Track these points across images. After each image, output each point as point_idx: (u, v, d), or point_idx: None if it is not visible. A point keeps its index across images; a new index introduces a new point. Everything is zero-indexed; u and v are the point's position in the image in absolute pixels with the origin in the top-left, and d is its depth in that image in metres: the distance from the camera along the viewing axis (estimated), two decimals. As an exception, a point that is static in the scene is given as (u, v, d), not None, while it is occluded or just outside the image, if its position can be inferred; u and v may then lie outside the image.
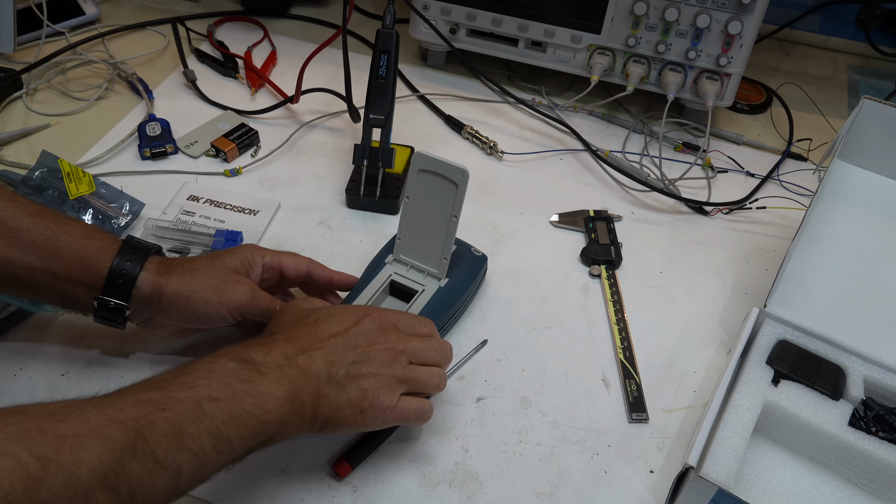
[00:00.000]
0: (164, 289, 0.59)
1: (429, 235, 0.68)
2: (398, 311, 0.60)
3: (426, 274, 0.70)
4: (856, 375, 0.64)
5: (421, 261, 0.70)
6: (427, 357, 0.58)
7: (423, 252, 0.69)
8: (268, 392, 0.49)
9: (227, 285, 0.61)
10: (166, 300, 0.60)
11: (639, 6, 0.89)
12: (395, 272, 0.70)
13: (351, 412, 0.54)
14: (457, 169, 0.64)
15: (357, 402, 0.54)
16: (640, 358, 0.70)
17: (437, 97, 1.01)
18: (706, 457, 0.57)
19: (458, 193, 0.65)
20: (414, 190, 0.67)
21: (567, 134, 0.96)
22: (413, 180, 0.67)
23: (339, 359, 0.54)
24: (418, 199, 0.67)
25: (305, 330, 0.55)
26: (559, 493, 0.60)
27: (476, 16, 0.97)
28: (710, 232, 0.85)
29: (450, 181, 0.65)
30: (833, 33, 1.18)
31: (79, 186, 0.78)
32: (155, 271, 0.60)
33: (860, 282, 0.69)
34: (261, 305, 0.62)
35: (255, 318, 0.63)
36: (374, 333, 0.57)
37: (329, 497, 0.58)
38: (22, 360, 0.66)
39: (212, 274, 0.61)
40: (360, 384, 0.54)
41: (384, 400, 0.55)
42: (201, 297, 0.60)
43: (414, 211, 0.68)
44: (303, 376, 0.52)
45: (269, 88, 1.00)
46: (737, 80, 0.92)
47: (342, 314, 0.57)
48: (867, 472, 0.60)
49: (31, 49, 1.02)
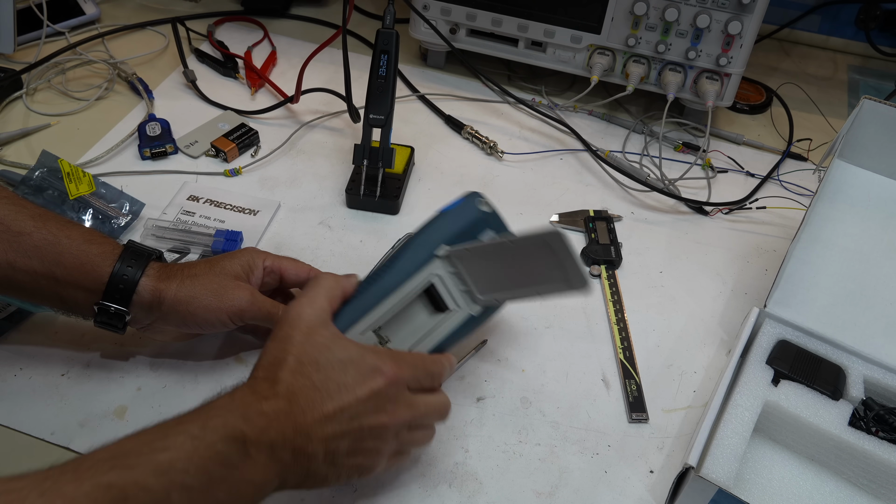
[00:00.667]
0: (165, 294, 0.59)
1: (502, 271, 0.58)
2: (414, 364, 0.54)
3: (466, 291, 0.60)
4: (856, 375, 0.64)
5: (472, 278, 0.59)
6: (427, 422, 0.56)
7: (483, 274, 0.59)
8: (249, 479, 0.45)
9: (227, 290, 0.61)
10: (166, 306, 0.59)
11: (639, 6, 0.89)
12: (440, 274, 0.59)
13: (336, 481, 0.51)
14: (579, 276, 0.55)
15: (346, 475, 0.51)
16: (640, 358, 0.70)
17: (437, 97, 1.01)
18: (706, 457, 0.57)
19: (552, 287, 0.57)
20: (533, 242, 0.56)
21: (567, 134, 0.96)
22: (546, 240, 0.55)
23: (340, 442, 0.49)
24: (526, 253, 0.57)
25: (309, 395, 0.49)
26: (559, 493, 0.60)
27: (476, 16, 0.97)
28: (710, 232, 0.85)
29: (559, 274, 0.56)
30: (833, 33, 1.18)
31: (79, 186, 0.78)
32: (155, 277, 0.60)
33: (860, 282, 0.69)
34: (262, 310, 0.61)
35: (255, 323, 0.63)
36: (385, 404, 0.51)
37: (329, 497, 0.58)
38: (22, 360, 0.66)
39: (211, 279, 0.61)
40: (355, 461, 0.51)
41: (374, 471, 0.53)
42: (201, 302, 0.60)
43: (516, 251, 0.57)
44: (294, 459, 0.48)
45: (269, 88, 1.00)
46: (737, 80, 0.92)
47: (356, 369, 0.50)
48: (867, 472, 0.60)
49: (31, 49, 1.02)
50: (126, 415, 0.63)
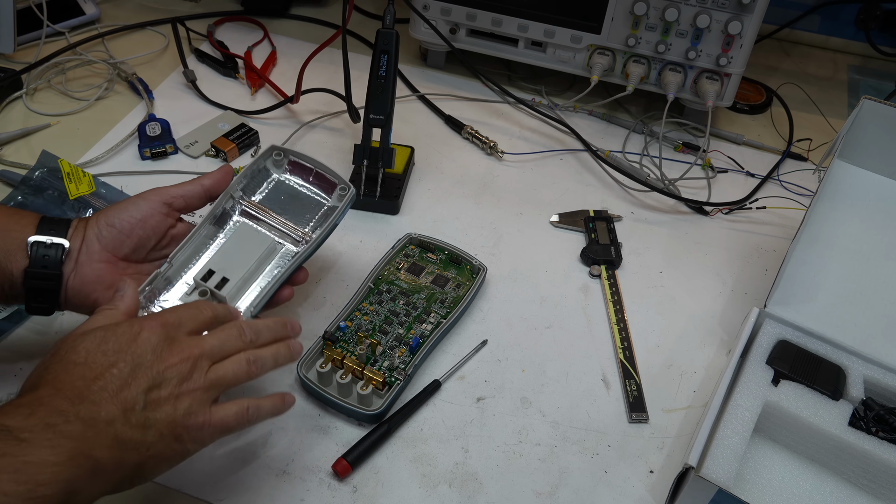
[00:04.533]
0: (95, 217, 0.60)
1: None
2: (175, 308, 0.54)
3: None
4: (856, 375, 0.64)
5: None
6: (228, 349, 0.53)
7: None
8: (37, 461, 0.41)
9: (145, 193, 0.62)
10: (101, 224, 0.59)
11: (639, 6, 0.89)
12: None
13: (165, 447, 0.48)
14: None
15: (168, 432, 0.48)
16: (640, 358, 0.70)
17: (437, 97, 1.01)
18: (706, 457, 0.57)
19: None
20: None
21: (567, 134, 0.96)
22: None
23: (130, 393, 0.46)
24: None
25: (76, 371, 0.46)
26: (559, 493, 0.60)
27: (476, 16, 0.97)
28: (710, 232, 0.85)
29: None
30: (833, 33, 1.18)
31: (79, 186, 0.78)
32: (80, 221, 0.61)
33: (860, 282, 0.69)
34: (186, 189, 0.62)
35: (191, 205, 0.63)
36: (160, 346, 0.49)
37: (329, 497, 0.58)
38: (22, 360, 0.66)
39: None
40: (164, 412, 0.48)
41: (196, 418, 0.49)
42: (131, 202, 0.61)
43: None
44: (90, 429, 0.44)
45: (269, 88, 1.00)
46: (737, 80, 0.92)
47: (115, 334, 0.49)
48: (867, 472, 0.60)
49: (31, 49, 1.02)
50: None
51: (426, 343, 0.67)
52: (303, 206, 0.67)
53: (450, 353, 0.69)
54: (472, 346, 0.70)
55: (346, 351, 0.66)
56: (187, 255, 0.62)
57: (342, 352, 0.65)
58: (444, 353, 0.69)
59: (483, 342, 0.70)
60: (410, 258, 0.76)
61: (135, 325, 0.50)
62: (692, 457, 0.57)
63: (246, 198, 0.66)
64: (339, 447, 0.61)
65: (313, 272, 0.75)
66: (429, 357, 0.68)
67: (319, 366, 0.64)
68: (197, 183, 0.63)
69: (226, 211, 0.65)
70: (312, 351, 0.66)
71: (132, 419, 0.46)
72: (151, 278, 0.60)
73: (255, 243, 0.64)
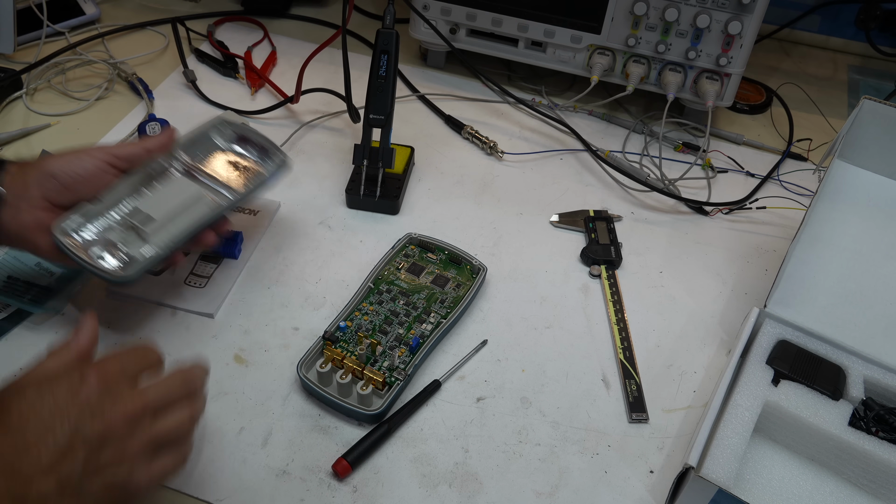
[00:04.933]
0: (32, 167, 0.61)
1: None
2: (117, 353, 0.49)
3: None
4: (856, 375, 0.64)
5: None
6: (171, 399, 0.49)
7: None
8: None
9: (90, 150, 0.64)
10: (42, 173, 0.61)
11: (639, 6, 0.89)
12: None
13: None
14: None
15: (106, 497, 0.44)
16: (640, 358, 0.70)
17: (437, 97, 1.01)
18: (706, 457, 0.57)
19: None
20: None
21: (567, 134, 0.96)
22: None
23: (67, 465, 0.42)
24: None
25: (8, 441, 0.42)
26: (559, 493, 0.60)
27: (476, 16, 0.97)
28: (710, 232, 0.85)
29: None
30: (833, 33, 1.18)
31: (79, 186, 0.78)
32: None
33: (860, 282, 0.69)
34: (132, 149, 0.65)
35: (133, 166, 0.65)
36: (101, 404, 0.45)
37: (329, 497, 0.58)
38: (22, 360, 0.66)
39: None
40: (103, 479, 0.44)
41: (138, 480, 0.46)
42: (73, 156, 0.62)
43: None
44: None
45: (269, 88, 1.00)
46: (737, 80, 0.92)
47: (52, 392, 0.44)
48: (867, 472, 0.60)
49: (31, 49, 1.02)
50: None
51: (426, 343, 0.67)
52: (241, 171, 0.71)
53: (450, 353, 0.69)
54: (472, 346, 0.70)
55: (346, 351, 0.66)
56: (119, 195, 0.65)
57: (342, 352, 0.65)
58: (444, 353, 0.69)
59: (483, 342, 0.70)
60: (410, 258, 0.76)
61: (74, 380, 0.45)
62: (692, 457, 0.57)
63: (188, 158, 0.70)
64: (339, 447, 0.61)
65: (313, 271, 0.76)
66: (429, 357, 0.68)
67: (319, 366, 0.64)
68: (141, 146, 0.66)
69: (163, 164, 0.69)
70: (312, 351, 0.66)
71: (67, 490, 0.42)
72: (77, 208, 0.62)
73: (185, 191, 0.68)
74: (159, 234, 0.64)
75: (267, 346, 0.69)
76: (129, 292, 0.72)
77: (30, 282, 0.71)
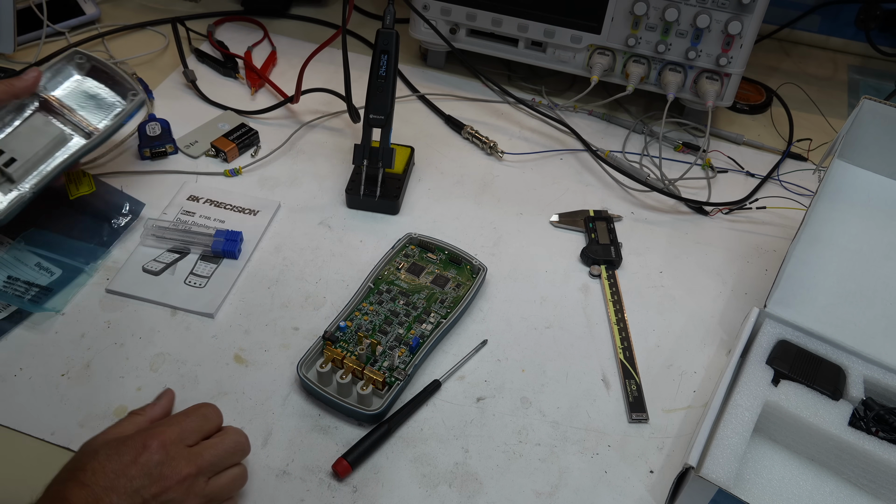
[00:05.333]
0: None
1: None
2: (178, 417, 0.55)
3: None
4: (856, 375, 0.64)
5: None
6: (225, 464, 0.54)
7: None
8: None
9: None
10: None
11: (639, 6, 0.89)
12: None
13: None
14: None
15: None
16: (640, 358, 0.70)
17: (437, 97, 1.01)
18: (706, 457, 0.57)
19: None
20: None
21: (567, 134, 0.96)
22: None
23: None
24: None
25: (81, 494, 0.48)
26: (559, 493, 0.60)
27: (476, 16, 0.97)
28: (710, 232, 0.85)
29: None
30: (833, 33, 1.18)
31: (79, 187, 0.78)
32: None
33: (860, 282, 0.69)
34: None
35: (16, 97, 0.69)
36: (163, 466, 0.50)
37: (329, 497, 0.58)
38: (22, 360, 0.66)
39: None
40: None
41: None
42: None
43: None
44: None
45: (269, 88, 1.00)
46: (737, 80, 0.92)
47: (118, 453, 0.50)
48: (867, 472, 0.60)
49: (31, 49, 1.02)
50: (126, 415, 0.62)
51: (426, 343, 0.67)
52: (98, 106, 0.75)
53: (450, 353, 0.69)
54: (472, 346, 0.70)
55: (346, 351, 0.66)
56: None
57: (342, 352, 0.65)
58: (444, 353, 0.69)
59: (483, 342, 0.70)
60: (410, 258, 0.76)
61: (138, 445, 0.51)
62: (692, 457, 0.57)
63: (46, 91, 0.73)
64: (339, 447, 0.61)
65: (313, 271, 0.76)
66: (429, 357, 0.68)
67: (319, 366, 0.64)
68: (8, 83, 0.69)
69: (24, 102, 0.72)
70: (312, 351, 0.66)
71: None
72: None
73: (47, 132, 0.71)
74: (23, 181, 0.67)
75: (267, 346, 0.69)
76: (129, 292, 0.72)
77: (30, 282, 0.71)
